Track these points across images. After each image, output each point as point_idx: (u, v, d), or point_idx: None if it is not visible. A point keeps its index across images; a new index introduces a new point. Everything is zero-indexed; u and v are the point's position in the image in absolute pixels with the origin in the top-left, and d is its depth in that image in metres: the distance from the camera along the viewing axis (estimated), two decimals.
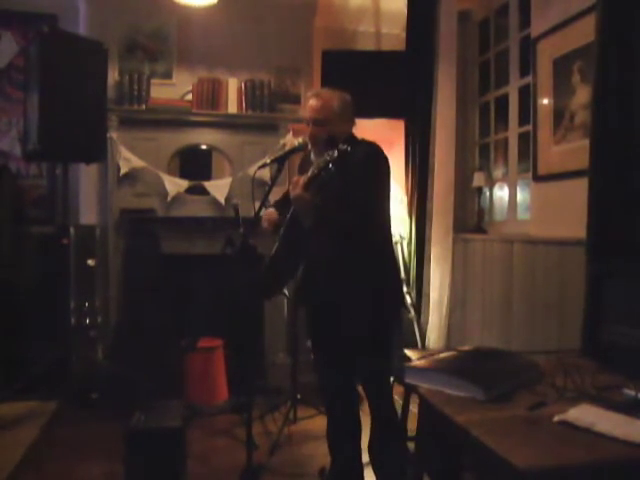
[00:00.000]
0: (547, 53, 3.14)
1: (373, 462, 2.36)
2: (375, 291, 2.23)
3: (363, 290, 2.21)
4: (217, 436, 3.29)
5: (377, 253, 2.28)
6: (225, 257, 2.70)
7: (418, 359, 1.87)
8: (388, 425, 2.31)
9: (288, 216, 2.23)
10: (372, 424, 2.34)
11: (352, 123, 2.32)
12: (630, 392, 1.55)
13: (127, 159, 4.06)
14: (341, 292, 2.22)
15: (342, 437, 2.42)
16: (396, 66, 4.15)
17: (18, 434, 3.16)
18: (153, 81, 4.19)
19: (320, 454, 2.88)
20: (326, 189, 2.15)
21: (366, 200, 2.14)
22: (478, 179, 3.93)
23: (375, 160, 2.21)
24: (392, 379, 2.39)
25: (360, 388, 2.38)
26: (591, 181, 2.38)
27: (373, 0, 4.65)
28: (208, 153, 4.38)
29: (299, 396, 3.51)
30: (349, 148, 2.02)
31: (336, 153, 2.01)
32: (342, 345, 2.29)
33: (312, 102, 2.28)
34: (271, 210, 2.43)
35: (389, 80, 4.07)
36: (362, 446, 2.41)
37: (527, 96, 3.43)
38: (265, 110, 4.29)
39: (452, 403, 1.53)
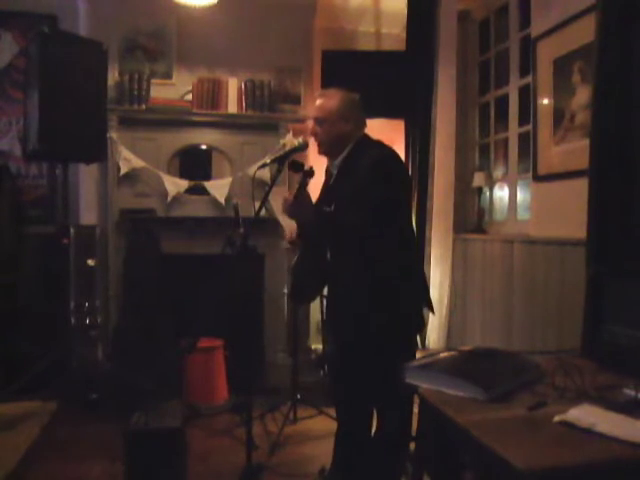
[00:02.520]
0: (547, 53, 3.13)
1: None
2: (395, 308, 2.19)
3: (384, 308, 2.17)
4: (217, 436, 3.29)
5: (399, 269, 2.21)
6: (225, 257, 2.71)
7: (418, 359, 1.87)
8: (392, 441, 2.31)
9: (298, 230, 2.32)
10: (376, 431, 2.34)
11: (357, 123, 2.28)
12: (630, 392, 1.55)
13: (127, 159, 4.06)
14: (362, 307, 2.20)
15: (350, 441, 2.42)
16: (396, 66, 4.15)
17: (18, 434, 3.16)
18: (153, 81, 4.19)
19: (320, 454, 2.88)
20: (332, 196, 2.19)
21: (372, 208, 2.09)
22: (478, 179, 3.93)
23: (382, 168, 2.15)
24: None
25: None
26: (591, 181, 2.38)
27: (373, 0, 4.65)
28: (208, 153, 4.39)
29: (299, 396, 3.51)
30: (312, 168, 2.21)
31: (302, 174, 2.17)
32: (362, 360, 2.24)
33: (316, 101, 2.33)
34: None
35: (389, 80, 4.06)
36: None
37: (527, 96, 3.43)
38: (265, 110, 4.29)
39: (452, 403, 1.53)
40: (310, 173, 2.21)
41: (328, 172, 2.40)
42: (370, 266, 2.18)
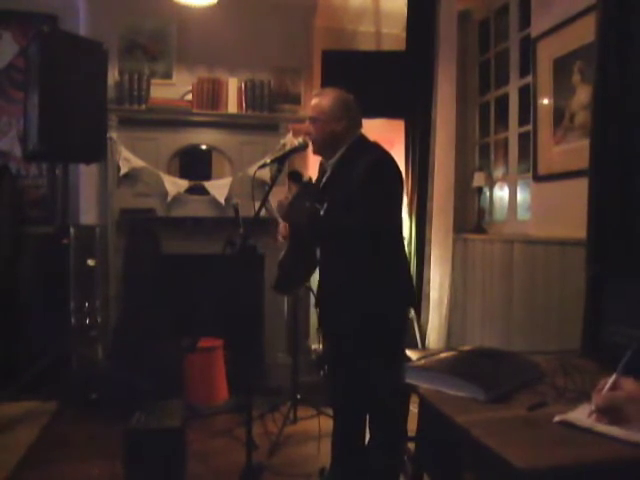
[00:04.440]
0: (547, 53, 3.14)
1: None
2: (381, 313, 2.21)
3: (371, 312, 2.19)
4: (217, 436, 3.29)
5: (386, 270, 2.23)
6: (225, 257, 2.71)
7: (418, 359, 1.87)
8: (386, 444, 2.32)
9: (289, 232, 2.38)
10: (371, 435, 2.35)
11: (350, 124, 2.29)
12: None
13: (127, 159, 4.06)
14: (351, 308, 2.22)
15: (346, 439, 2.42)
16: (396, 66, 4.15)
17: (18, 434, 3.16)
18: (153, 81, 4.19)
19: (320, 454, 2.88)
20: (324, 196, 2.21)
21: (368, 213, 2.10)
22: (478, 179, 3.93)
23: (379, 171, 2.16)
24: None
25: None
26: (591, 181, 2.38)
27: (373, 0, 4.64)
28: (208, 153, 4.38)
29: (299, 396, 3.51)
30: (311, 179, 2.29)
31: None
32: (354, 357, 2.26)
33: (312, 100, 2.35)
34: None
35: (389, 80, 4.06)
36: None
37: (527, 96, 3.43)
38: (265, 110, 4.29)
39: (452, 403, 1.53)
40: (309, 184, 2.26)
41: (322, 167, 2.42)
42: (364, 267, 2.19)
